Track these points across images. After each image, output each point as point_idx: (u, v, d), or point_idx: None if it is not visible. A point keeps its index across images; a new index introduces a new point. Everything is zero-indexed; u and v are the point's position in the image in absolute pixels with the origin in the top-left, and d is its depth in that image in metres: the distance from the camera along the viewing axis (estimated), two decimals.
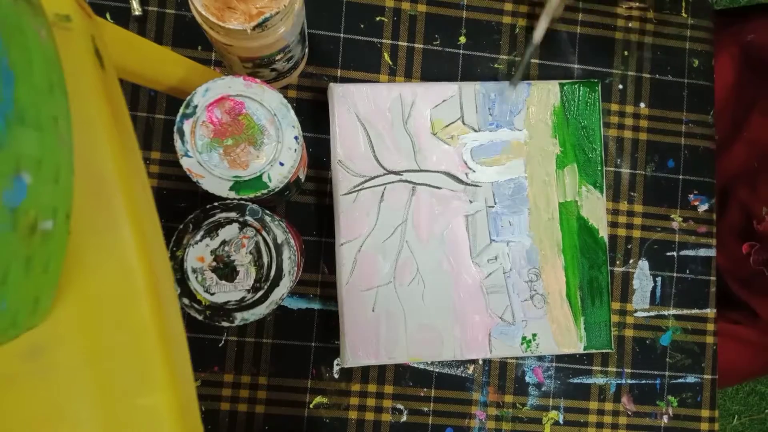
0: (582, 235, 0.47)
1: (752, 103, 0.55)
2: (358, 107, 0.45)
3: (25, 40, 0.16)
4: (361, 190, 0.45)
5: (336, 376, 0.46)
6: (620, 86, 0.50)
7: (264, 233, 0.34)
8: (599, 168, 0.47)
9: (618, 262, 0.49)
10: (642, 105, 0.50)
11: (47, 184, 0.16)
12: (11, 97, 0.14)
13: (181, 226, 0.34)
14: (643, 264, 0.49)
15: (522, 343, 0.45)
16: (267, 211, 0.35)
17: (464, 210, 0.46)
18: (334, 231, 0.45)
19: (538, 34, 0.39)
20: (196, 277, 0.34)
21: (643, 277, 0.49)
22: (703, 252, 0.50)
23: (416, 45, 0.48)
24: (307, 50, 0.45)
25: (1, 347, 0.18)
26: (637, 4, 0.50)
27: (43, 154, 0.16)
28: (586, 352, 0.47)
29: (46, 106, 0.17)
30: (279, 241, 0.34)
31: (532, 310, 0.46)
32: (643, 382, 0.49)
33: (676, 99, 0.50)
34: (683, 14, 0.51)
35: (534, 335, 0.46)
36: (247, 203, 0.35)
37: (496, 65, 0.49)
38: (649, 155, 0.50)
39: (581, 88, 0.47)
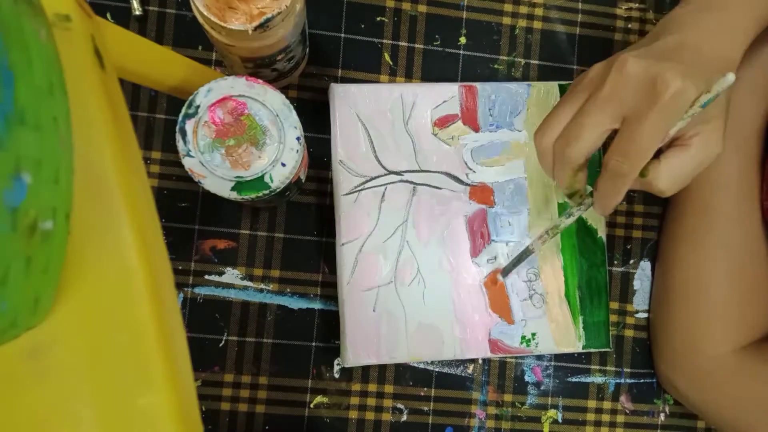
0: (581, 235, 0.47)
1: None
2: (359, 107, 0.45)
3: (25, 40, 0.16)
4: (362, 190, 0.45)
5: (336, 375, 0.46)
6: None
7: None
8: (599, 168, 0.47)
9: (617, 262, 0.49)
10: None
11: (47, 184, 0.16)
12: (11, 98, 0.15)
13: None
14: (645, 265, 0.49)
15: (521, 343, 0.45)
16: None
17: (464, 210, 0.46)
18: (335, 231, 0.45)
19: (538, 245, 0.42)
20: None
21: (644, 278, 0.49)
22: None
23: (417, 45, 0.48)
24: (308, 50, 0.45)
25: (1, 347, 0.18)
26: (637, 4, 0.50)
27: (43, 154, 0.16)
28: (584, 351, 0.47)
29: (46, 106, 0.17)
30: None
31: (531, 310, 0.46)
32: (642, 381, 0.49)
33: None
34: None
35: (533, 334, 0.46)
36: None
37: (496, 66, 0.49)
38: None
39: None
